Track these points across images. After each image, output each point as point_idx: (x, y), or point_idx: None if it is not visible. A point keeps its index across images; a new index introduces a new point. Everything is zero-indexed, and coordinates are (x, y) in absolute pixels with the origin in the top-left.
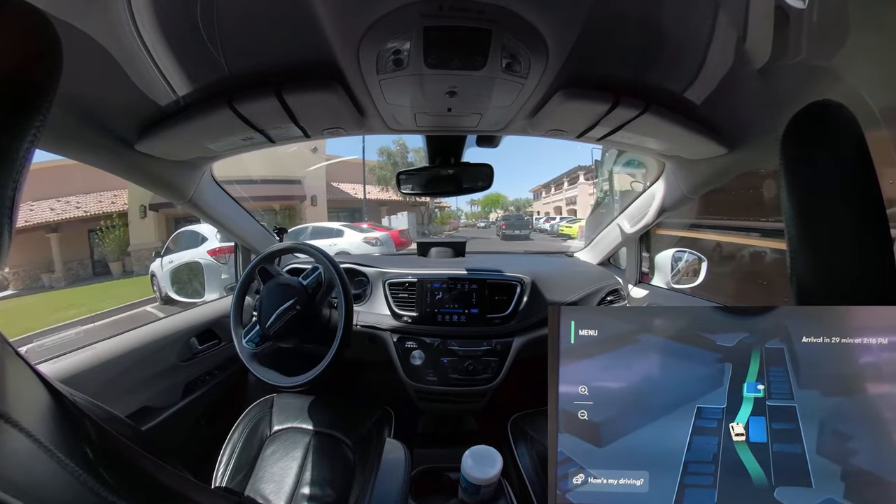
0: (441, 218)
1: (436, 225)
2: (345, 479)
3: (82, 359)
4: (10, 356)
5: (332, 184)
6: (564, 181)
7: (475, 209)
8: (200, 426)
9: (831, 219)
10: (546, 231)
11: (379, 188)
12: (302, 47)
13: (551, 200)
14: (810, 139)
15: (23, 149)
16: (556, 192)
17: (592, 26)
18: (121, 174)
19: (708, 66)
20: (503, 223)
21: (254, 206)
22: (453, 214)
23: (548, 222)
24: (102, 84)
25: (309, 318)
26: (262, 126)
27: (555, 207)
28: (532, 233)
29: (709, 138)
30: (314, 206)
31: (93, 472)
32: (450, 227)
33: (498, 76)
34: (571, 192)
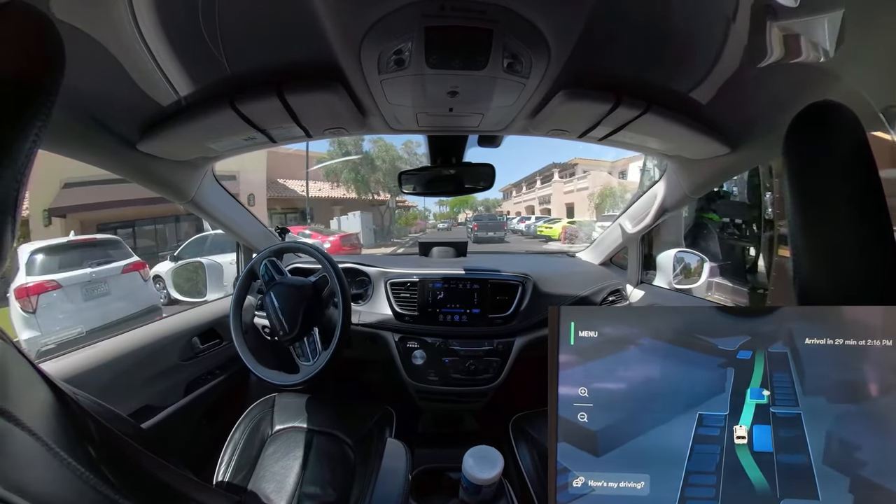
0: (405, 219)
1: (399, 227)
2: (345, 479)
3: (85, 357)
4: (14, 355)
5: (276, 180)
6: (537, 179)
7: (444, 209)
8: (202, 425)
9: (834, 218)
10: (521, 232)
11: (331, 184)
12: (303, 47)
13: (522, 199)
14: (812, 139)
15: (25, 149)
16: (527, 190)
17: (594, 26)
18: (123, 174)
19: (710, 65)
20: (474, 224)
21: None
22: (420, 215)
23: (522, 222)
24: (105, 85)
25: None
26: (264, 126)
27: (526, 207)
28: (507, 234)
29: (711, 138)
30: (251, 206)
31: (95, 470)
32: (416, 229)
33: (499, 76)
34: (545, 191)
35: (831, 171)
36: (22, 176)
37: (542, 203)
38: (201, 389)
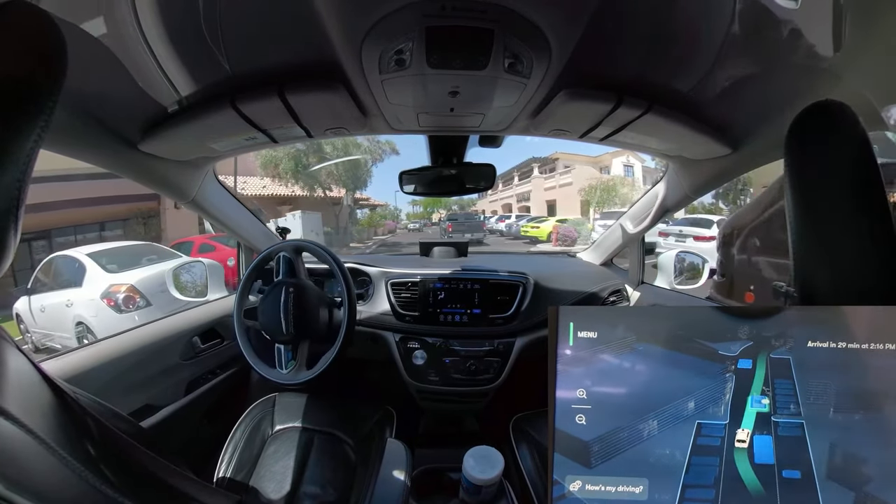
0: (368, 219)
1: (361, 229)
2: (346, 479)
3: (85, 357)
4: (14, 353)
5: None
6: (515, 175)
7: (417, 209)
8: (202, 425)
9: (836, 219)
10: (501, 232)
11: (277, 182)
12: (304, 47)
13: (499, 197)
14: (813, 139)
15: (27, 148)
16: (504, 188)
17: (595, 26)
18: (125, 174)
19: (711, 65)
20: (448, 224)
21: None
22: (391, 214)
23: (502, 221)
24: (106, 85)
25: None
26: (265, 126)
27: (503, 205)
28: (486, 235)
29: (712, 138)
30: (178, 209)
31: (95, 469)
32: (384, 230)
33: (500, 76)
34: (524, 188)
35: (833, 171)
36: (24, 175)
37: (520, 200)
38: (202, 389)
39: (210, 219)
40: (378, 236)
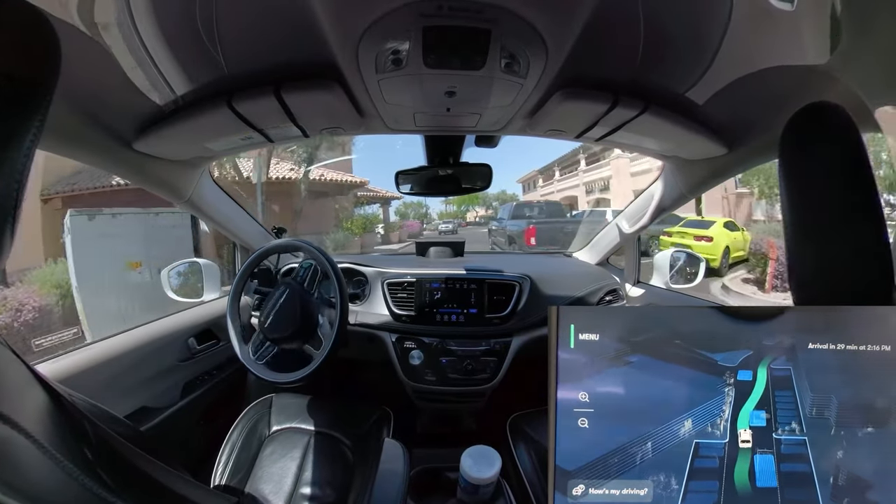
0: (361, 222)
1: (347, 234)
2: (344, 479)
3: (81, 359)
4: (8, 357)
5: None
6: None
7: (450, 208)
8: (199, 426)
9: (829, 219)
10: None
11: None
12: (301, 47)
13: (556, 189)
14: (807, 140)
15: (24, 148)
16: (562, 176)
17: (592, 26)
18: (119, 174)
19: (707, 66)
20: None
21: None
22: (415, 213)
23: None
24: (101, 83)
25: (307, 317)
26: (261, 126)
27: (564, 198)
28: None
29: (708, 138)
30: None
31: (91, 472)
32: (404, 235)
33: (497, 76)
34: (594, 175)
35: (827, 172)
36: (21, 175)
37: (590, 192)
38: (199, 391)
39: (206, 219)
40: (387, 245)
